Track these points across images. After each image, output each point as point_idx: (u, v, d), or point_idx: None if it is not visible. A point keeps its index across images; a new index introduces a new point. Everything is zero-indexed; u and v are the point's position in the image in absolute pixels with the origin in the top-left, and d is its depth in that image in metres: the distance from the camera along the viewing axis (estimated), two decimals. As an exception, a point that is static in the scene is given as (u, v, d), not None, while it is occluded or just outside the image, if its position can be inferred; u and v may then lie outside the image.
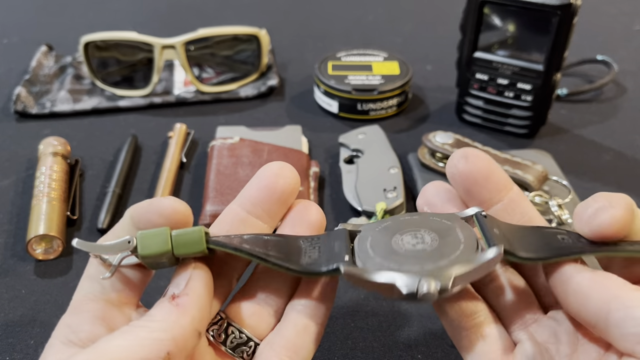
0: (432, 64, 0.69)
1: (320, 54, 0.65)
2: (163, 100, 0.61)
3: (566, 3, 0.47)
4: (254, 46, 0.63)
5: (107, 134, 0.56)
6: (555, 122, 0.58)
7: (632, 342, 0.20)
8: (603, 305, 0.21)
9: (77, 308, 0.24)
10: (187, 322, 0.22)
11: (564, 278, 0.23)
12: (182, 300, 0.23)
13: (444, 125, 0.58)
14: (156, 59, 0.59)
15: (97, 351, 0.21)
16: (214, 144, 0.51)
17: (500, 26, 0.51)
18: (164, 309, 0.22)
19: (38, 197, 0.44)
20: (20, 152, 0.54)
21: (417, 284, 0.21)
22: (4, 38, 0.75)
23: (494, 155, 0.48)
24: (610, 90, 0.64)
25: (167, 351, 0.21)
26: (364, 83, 0.58)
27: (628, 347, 0.21)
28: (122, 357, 0.20)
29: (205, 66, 0.64)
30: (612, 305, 0.21)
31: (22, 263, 0.42)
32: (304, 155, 0.50)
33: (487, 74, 0.54)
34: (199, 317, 0.23)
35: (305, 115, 0.60)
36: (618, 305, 0.21)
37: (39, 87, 0.62)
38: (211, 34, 0.60)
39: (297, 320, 0.25)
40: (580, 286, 0.23)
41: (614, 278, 0.22)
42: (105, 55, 0.61)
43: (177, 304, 0.23)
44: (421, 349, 0.36)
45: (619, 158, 0.54)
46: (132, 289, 0.25)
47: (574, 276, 0.23)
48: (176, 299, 0.23)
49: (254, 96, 0.62)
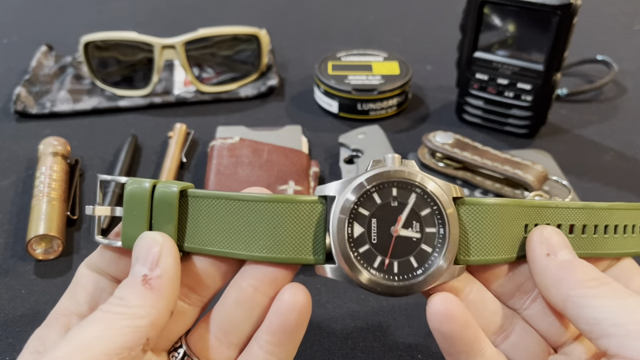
0: (432, 64, 0.69)
1: (320, 54, 0.64)
2: (163, 100, 0.61)
3: (566, 3, 0.47)
4: (254, 46, 0.63)
5: (107, 134, 0.56)
6: (555, 122, 0.58)
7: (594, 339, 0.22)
8: (559, 302, 0.23)
9: (49, 322, 0.24)
10: (164, 305, 0.22)
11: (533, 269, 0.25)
12: (156, 283, 0.22)
13: (444, 125, 0.58)
14: (156, 59, 0.59)
15: (73, 345, 0.20)
16: (214, 144, 0.51)
17: (500, 26, 0.51)
18: (138, 292, 0.22)
19: (38, 197, 0.44)
20: (20, 152, 0.54)
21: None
22: (4, 38, 0.75)
23: (494, 155, 0.48)
24: (610, 90, 0.64)
25: (147, 337, 0.21)
26: (364, 83, 0.58)
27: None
28: (102, 349, 0.20)
29: (205, 66, 0.64)
30: (566, 304, 0.23)
31: (22, 263, 0.42)
32: (304, 155, 0.50)
33: (487, 74, 0.54)
34: (173, 298, 0.22)
35: (305, 115, 0.60)
36: (572, 305, 0.23)
37: (39, 87, 0.62)
38: (211, 34, 0.60)
39: (258, 356, 0.24)
40: (543, 279, 0.24)
41: (574, 271, 0.24)
42: (105, 55, 0.61)
43: (152, 287, 0.22)
44: (421, 349, 0.36)
45: (619, 158, 0.54)
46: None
47: (541, 269, 0.24)
48: (149, 281, 0.22)
49: (254, 96, 0.62)
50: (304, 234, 0.24)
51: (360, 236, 0.24)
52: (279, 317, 0.23)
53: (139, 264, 0.23)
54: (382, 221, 0.24)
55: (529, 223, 0.26)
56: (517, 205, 0.25)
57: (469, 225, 0.25)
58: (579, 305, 0.23)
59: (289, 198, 0.24)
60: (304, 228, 0.24)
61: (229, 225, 0.24)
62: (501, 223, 0.25)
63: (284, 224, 0.24)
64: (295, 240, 0.24)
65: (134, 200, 0.24)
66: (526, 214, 0.26)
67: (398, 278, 0.24)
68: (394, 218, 0.24)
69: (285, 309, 0.23)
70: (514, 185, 0.48)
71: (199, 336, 0.25)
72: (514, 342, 0.26)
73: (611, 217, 0.27)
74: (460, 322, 0.24)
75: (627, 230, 0.27)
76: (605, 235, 0.26)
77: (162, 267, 0.22)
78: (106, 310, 0.21)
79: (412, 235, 0.24)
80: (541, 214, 0.26)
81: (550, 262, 0.24)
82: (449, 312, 0.24)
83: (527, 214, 0.26)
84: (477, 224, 0.25)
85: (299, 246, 0.24)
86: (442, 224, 0.24)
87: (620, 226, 0.27)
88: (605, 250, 0.27)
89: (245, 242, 0.24)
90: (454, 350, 0.24)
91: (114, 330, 0.20)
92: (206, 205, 0.25)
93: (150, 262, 0.23)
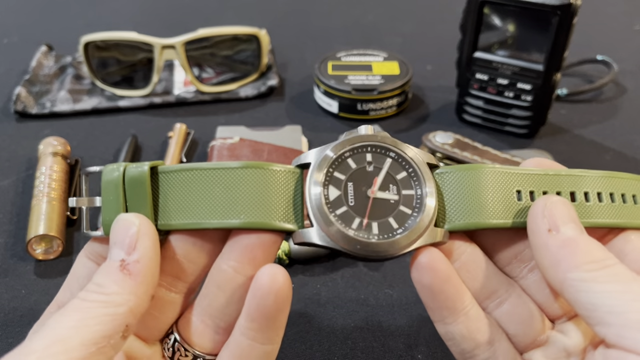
0: (432, 64, 0.69)
1: (320, 54, 0.64)
2: (163, 100, 0.61)
3: (566, 3, 0.47)
4: (253, 46, 0.63)
5: (107, 134, 0.56)
6: (555, 122, 0.58)
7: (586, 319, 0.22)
8: (557, 283, 0.22)
9: (44, 317, 0.24)
10: (143, 291, 0.21)
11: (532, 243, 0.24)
12: (134, 268, 0.21)
13: (444, 125, 0.58)
14: (156, 59, 0.59)
15: (50, 336, 0.19)
16: (214, 144, 0.51)
17: (500, 26, 0.51)
18: (116, 279, 0.21)
19: (38, 197, 0.44)
20: (20, 152, 0.54)
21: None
22: (4, 38, 0.75)
23: (494, 155, 0.48)
24: (610, 90, 0.64)
25: (126, 324, 0.20)
26: (364, 83, 0.58)
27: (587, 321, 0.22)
28: (80, 340, 0.19)
29: (205, 66, 0.64)
30: (563, 287, 0.22)
31: (22, 263, 0.42)
32: (304, 155, 0.50)
33: (487, 74, 0.54)
34: (152, 283, 0.22)
35: (305, 115, 0.60)
36: (569, 289, 0.22)
37: (39, 87, 0.62)
38: (211, 34, 0.60)
39: (241, 343, 0.23)
40: (542, 258, 0.23)
41: (575, 250, 0.22)
42: (105, 55, 0.61)
43: (130, 273, 0.21)
44: (421, 349, 0.36)
45: (619, 158, 0.54)
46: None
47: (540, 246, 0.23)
48: (127, 266, 0.21)
49: (254, 96, 0.62)
50: (282, 201, 0.24)
51: (337, 199, 0.24)
52: (256, 301, 0.22)
53: (116, 247, 0.22)
54: (359, 184, 0.24)
55: (522, 189, 0.25)
56: (502, 172, 0.25)
57: (449, 190, 0.25)
58: (577, 290, 0.21)
59: (264, 164, 0.24)
60: (281, 195, 0.24)
61: (204, 195, 0.24)
62: (484, 187, 0.25)
63: (261, 190, 0.24)
64: (273, 206, 0.24)
65: (109, 185, 0.24)
66: (516, 179, 0.25)
67: (377, 237, 0.24)
68: (371, 181, 0.25)
69: (262, 293, 0.22)
70: (514, 185, 0.48)
71: (186, 322, 0.25)
72: (507, 310, 0.25)
73: (607, 185, 0.26)
74: (442, 275, 0.24)
75: (626, 200, 0.26)
76: (601, 204, 0.26)
77: (140, 251, 0.22)
78: (83, 298, 0.21)
79: (389, 197, 0.24)
80: (535, 180, 0.25)
81: (550, 240, 0.23)
82: (431, 264, 0.24)
83: (517, 180, 0.25)
84: (457, 189, 0.25)
85: (277, 212, 0.24)
86: (419, 185, 0.25)
87: (617, 194, 0.26)
88: (601, 220, 0.25)
89: (222, 211, 0.23)
90: (436, 305, 0.24)
91: (91, 319, 0.20)
92: (180, 179, 0.24)
93: (128, 245, 0.22)
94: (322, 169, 0.24)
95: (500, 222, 0.25)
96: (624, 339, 0.20)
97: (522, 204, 0.25)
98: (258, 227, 0.23)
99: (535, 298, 0.26)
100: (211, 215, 0.24)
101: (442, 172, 0.25)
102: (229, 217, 0.23)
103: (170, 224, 0.24)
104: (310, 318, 0.38)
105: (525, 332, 0.25)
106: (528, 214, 0.24)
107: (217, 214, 0.24)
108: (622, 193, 0.26)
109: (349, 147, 0.24)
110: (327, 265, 0.42)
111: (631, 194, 0.26)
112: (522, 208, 0.25)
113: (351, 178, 0.24)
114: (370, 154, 0.25)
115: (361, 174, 0.25)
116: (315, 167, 0.24)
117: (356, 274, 0.41)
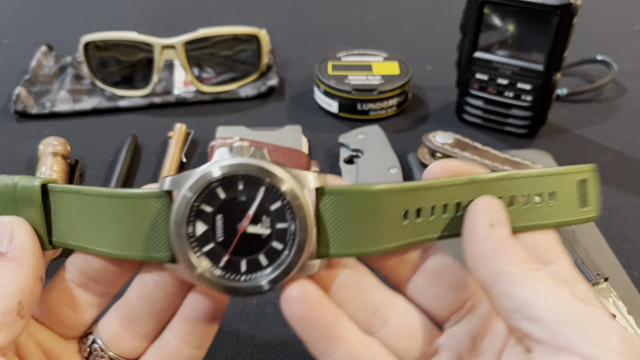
0: (432, 64, 0.69)
1: (320, 54, 0.64)
2: (163, 100, 0.61)
3: (566, 3, 0.47)
4: (253, 46, 0.63)
5: (107, 134, 0.56)
6: (555, 122, 0.58)
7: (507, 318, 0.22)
8: (490, 275, 0.22)
9: None
10: (28, 271, 0.23)
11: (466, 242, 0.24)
12: (14, 254, 0.23)
13: (444, 125, 0.58)
14: (156, 59, 0.59)
15: None
16: (214, 144, 0.51)
17: (500, 26, 0.51)
18: (0, 267, 0.23)
19: (38, 197, 0.44)
20: (20, 152, 0.54)
21: None
22: (4, 38, 0.75)
23: (494, 155, 0.49)
24: (610, 90, 0.64)
25: (19, 300, 0.22)
26: (364, 83, 0.58)
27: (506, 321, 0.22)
28: None
29: (205, 66, 0.64)
30: (498, 278, 0.22)
31: (22, 263, 0.42)
32: (304, 155, 0.50)
33: (487, 74, 0.54)
34: (36, 263, 0.23)
35: (305, 115, 0.60)
36: (503, 281, 0.22)
37: (39, 87, 0.62)
38: (211, 34, 0.60)
39: (170, 344, 0.25)
40: (479, 249, 0.23)
41: (508, 249, 0.22)
42: (105, 55, 0.61)
43: (11, 259, 0.23)
44: (421, 349, 0.36)
45: (619, 158, 0.54)
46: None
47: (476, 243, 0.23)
48: (6, 255, 0.23)
49: (254, 96, 0.62)
50: (150, 230, 0.23)
51: (203, 234, 0.23)
52: (191, 306, 0.25)
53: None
54: (229, 217, 0.23)
55: (410, 208, 0.24)
56: (388, 191, 0.23)
57: (330, 216, 0.23)
58: (512, 283, 0.21)
59: (129, 194, 0.23)
60: (148, 224, 0.23)
61: (84, 219, 0.24)
62: (369, 211, 0.23)
63: (128, 220, 0.23)
64: (141, 236, 0.23)
65: (2, 197, 0.25)
66: (404, 198, 0.23)
67: (244, 277, 0.23)
68: (242, 214, 0.23)
69: (199, 300, 0.24)
70: (514, 185, 0.48)
71: (107, 324, 0.26)
72: (393, 325, 0.25)
73: (498, 189, 0.25)
74: (314, 303, 0.23)
75: (530, 201, 0.25)
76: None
77: (16, 240, 0.24)
78: None
79: (261, 231, 0.23)
80: (424, 196, 0.24)
81: (491, 234, 0.23)
82: (302, 295, 0.23)
83: (406, 199, 0.23)
84: (339, 215, 0.23)
85: (146, 243, 0.23)
86: (294, 218, 0.22)
87: (519, 197, 0.25)
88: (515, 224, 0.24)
89: (97, 237, 0.24)
90: (313, 336, 0.23)
91: None
92: (65, 200, 0.24)
93: (4, 240, 0.24)
94: (184, 204, 0.22)
95: (382, 248, 0.24)
96: (556, 336, 0.20)
97: (402, 226, 0.24)
98: (130, 258, 0.24)
99: (421, 302, 0.25)
100: (91, 241, 0.24)
101: (328, 196, 0.23)
102: (103, 245, 0.24)
103: (62, 242, 0.25)
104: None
105: (413, 346, 0.25)
106: (468, 209, 0.24)
107: (95, 240, 0.24)
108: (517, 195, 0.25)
109: (218, 177, 0.22)
110: (327, 265, 0.42)
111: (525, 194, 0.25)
112: (401, 230, 0.24)
113: (220, 210, 0.23)
114: (242, 182, 0.23)
115: (232, 205, 0.23)
116: (177, 200, 0.22)
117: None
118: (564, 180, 0.25)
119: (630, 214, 0.47)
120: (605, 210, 0.47)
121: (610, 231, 0.45)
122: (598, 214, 0.26)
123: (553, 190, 0.25)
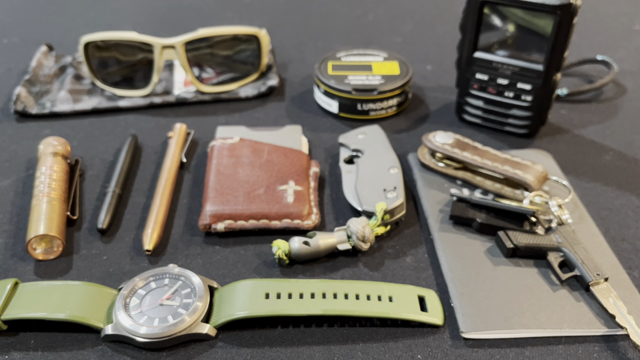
0: (432, 64, 0.69)
1: (320, 54, 0.65)
2: (163, 100, 0.61)
3: (566, 3, 0.47)
4: (253, 46, 0.63)
5: (107, 134, 0.56)
6: (555, 122, 0.58)
7: None
8: None
9: None
10: None
11: None
12: None
13: (444, 125, 0.58)
14: (156, 59, 0.59)
15: None
16: (214, 144, 0.51)
17: (500, 26, 0.51)
18: None
19: (38, 197, 0.44)
20: (20, 152, 0.54)
21: None
22: (4, 38, 0.75)
23: (494, 155, 0.49)
24: (610, 90, 0.64)
25: None
26: (364, 83, 0.58)
27: None
28: None
29: (205, 66, 0.64)
30: None
31: (22, 263, 0.42)
32: (304, 155, 0.50)
33: (487, 74, 0.54)
34: None
35: (305, 115, 0.60)
36: None
37: (39, 87, 0.62)
38: (211, 34, 0.60)
39: None
40: None
41: None
42: (105, 55, 0.61)
43: None
44: (421, 349, 0.36)
45: (619, 158, 0.54)
46: None
47: None
48: None
49: (254, 96, 0.62)
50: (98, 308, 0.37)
51: (135, 305, 0.37)
52: None
53: None
54: (155, 296, 0.37)
55: (270, 292, 0.37)
56: (252, 284, 0.38)
57: (220, 300, 0.38)
58: None
59: (82, 318, 0.36)
60: (100, 305, 0.37)
61: (44, 300, 0.37)
62: (238, 295, 0.37)
63: (86, 302, 0.37)
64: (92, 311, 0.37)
65: None
66: (262, 287, 0.38)
67: (156, 327, 0.35)
68: (164, 293, 0.38)
69: None
70: (514, 185, 0.48)
71: None
72: None
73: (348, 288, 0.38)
74: None
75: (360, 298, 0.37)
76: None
77: None
78: None
79: (173, 303, 0.37)
80: (279, 286, 0.38)
81: None
82: None
83: (263, 287, 0.38)
84: (224, 299, 0.38)
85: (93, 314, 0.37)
86: (194, 297, 0.37)
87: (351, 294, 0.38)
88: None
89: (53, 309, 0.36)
90: None
91: None
92: (29, 290, 0.38)
93: None
94: (124, 294, 0.37)
95: (242, 315, 0.36)
96: None
97: (266, 301, 0.37)
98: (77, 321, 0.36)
99: None
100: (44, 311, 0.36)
101: (220, 289, 0.38)
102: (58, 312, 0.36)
103: (17, 316, 0.35)
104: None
105: None
106: None
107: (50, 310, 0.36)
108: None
109: (153, 274, 0.39)
110: (327, 265, 0.42)
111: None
112: (261, 303, 0.36)
113: (150, 293, 0.38)
114: (168, 279, 0.38)
115: (159, 289, 0.38)
116: (122, 294, 0.37)
117: (356, 274, 0.41)
118: (406, 290, 0.39)
119: (630, 214, 0.47)
120: (605, 210, 0.47)
121: (610, 231, 0.45)
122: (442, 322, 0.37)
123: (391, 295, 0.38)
